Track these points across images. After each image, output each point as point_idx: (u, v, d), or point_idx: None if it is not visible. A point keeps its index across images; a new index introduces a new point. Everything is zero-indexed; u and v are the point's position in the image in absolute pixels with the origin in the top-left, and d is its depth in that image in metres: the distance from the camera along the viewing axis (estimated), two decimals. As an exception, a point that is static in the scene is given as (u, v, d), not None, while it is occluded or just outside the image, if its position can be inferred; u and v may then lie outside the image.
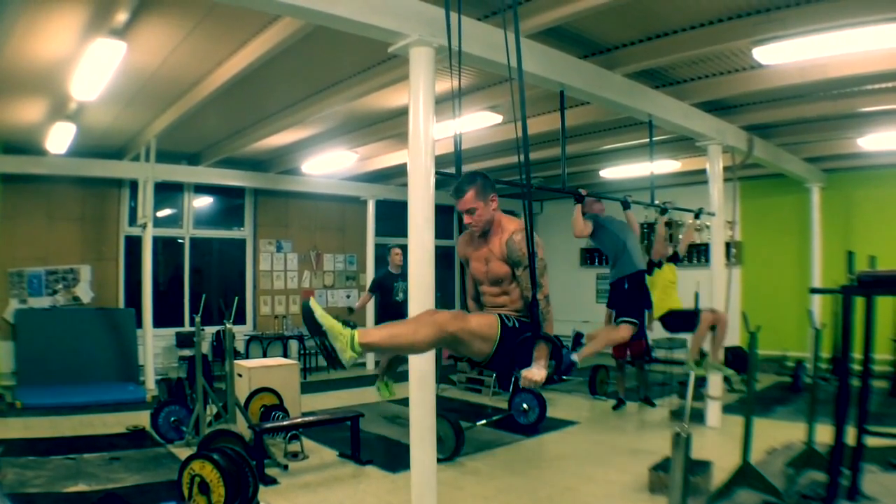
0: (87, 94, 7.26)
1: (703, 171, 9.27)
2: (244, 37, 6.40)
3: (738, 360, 10.78)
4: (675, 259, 8.54)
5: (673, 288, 8.25)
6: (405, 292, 9.15)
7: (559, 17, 5.63)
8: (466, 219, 3.72)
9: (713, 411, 8.53)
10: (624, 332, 6.92)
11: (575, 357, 6.73)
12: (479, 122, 8.76)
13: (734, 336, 11.14)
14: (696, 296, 11.32)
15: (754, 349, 5.75)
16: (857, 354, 4.90)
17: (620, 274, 7.03)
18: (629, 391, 9.99)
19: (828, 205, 12.13)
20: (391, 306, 9.20)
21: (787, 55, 6.25)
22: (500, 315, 3.57)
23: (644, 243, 14.94)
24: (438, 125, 5.14)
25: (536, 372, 3.44)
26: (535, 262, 3.44)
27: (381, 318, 9.48)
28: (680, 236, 10.63)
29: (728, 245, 9.48)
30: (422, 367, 5.01)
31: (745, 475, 5.58)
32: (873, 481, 5.51)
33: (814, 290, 3.83)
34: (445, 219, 9.34)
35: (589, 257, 16.06)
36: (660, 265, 8.24)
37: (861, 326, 4.65)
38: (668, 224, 14.09)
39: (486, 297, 3.86)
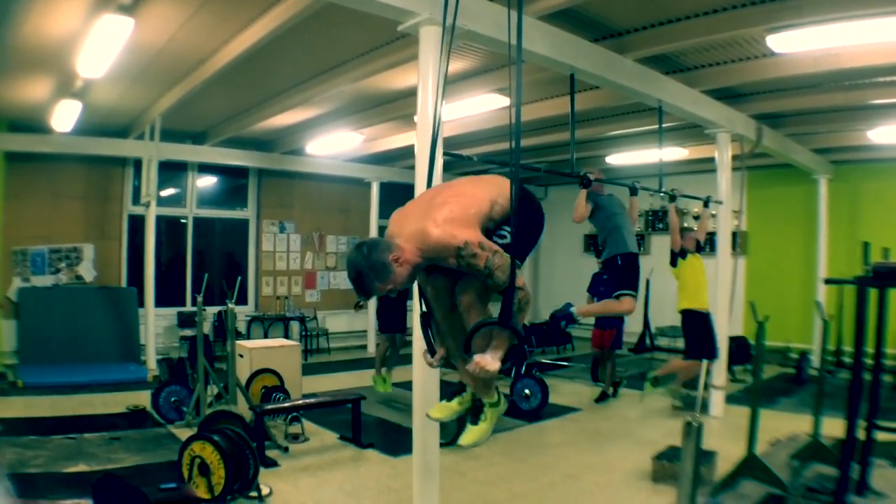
0: (93, 72, 7.17)
1: (710, 160, 9.17)
2: (252, 14, 6.30)
3: (741, 350, 10.76)
4: (698, 248, 8.38)
5: (700, 282, 8.07)
6: None
7: (571, -1, 5.57)
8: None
9: (717, 401, 8.49)
10: (627, 304, 6.73)
11: (574, 310, 6.66)
12: (487, 105, 8.64)
13: (737, 326, 11.12)
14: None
15: (762, 339, 5.69)
16: (867, 348, 4.84)
17: (613, 252, 6.79)
18: (631, 378, 9.96)
19: (835, 197, 12.03)
20: (394, 296, 9.12)
21: (801, 44, 6.15)
22: None
23: (647, 230, 14.98)
24: (447, 106, 5.04)
25: (490, 361, 2.96)
26: (514, 273, 2.95)
27: (382, 308, 9.32)
28: (694, 228, 10.58)
29: (734, 235, 9.40)
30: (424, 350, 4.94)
31: (751, 466, 5.55)
32: (881, 476, 5.46)
33: (828, 281, 3.76)
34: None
35: (593, 244, 15.95)
36: (683, 255, 8.04)
37: (872, 319, 4.59)
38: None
39: None
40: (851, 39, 6.01)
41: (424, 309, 3.39)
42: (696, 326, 7.95)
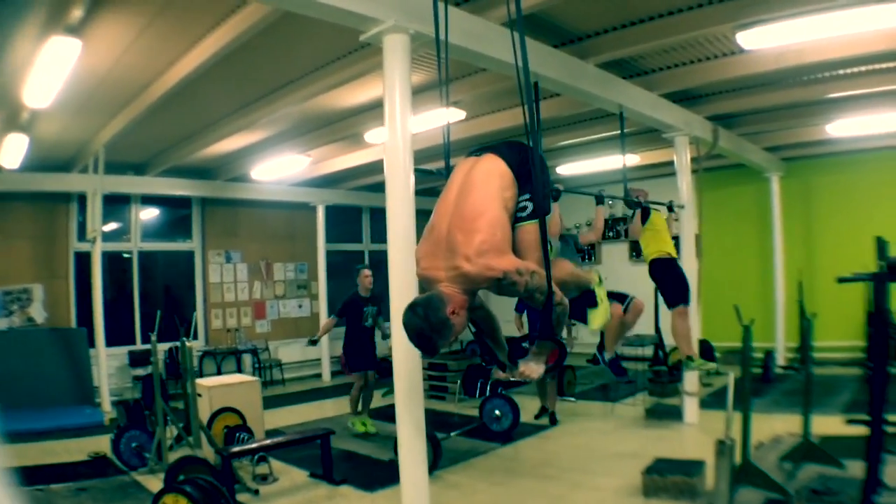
0: (40, 101, 6.91)
1: (663, 164, 9.11)
2: (198, 33, 6.06)
3: (704, 353, 10.70)
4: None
5: (664, 231, 7.77)
6: (374, 317, 8.75)
7: (535, 4, 5.39)
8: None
9: (690, 407, 8.37)
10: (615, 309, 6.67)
11: (607, 356, 7.02)
12: (440, 120, 8.41)
13: (696, 328, 11.07)
14: (656, 291, 11.26)
15: (749, 342, 5.58)
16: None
17: None
18: (594, 391, 9.80)
19: (787, 194, 12.14)
20: (361, 332, 8.72)
21: (771, 39, 6.12)
22: None
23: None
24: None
25: (535, 367, 3.25)
26: (549, 262, 3.14)
27: (350, 345, 8.85)
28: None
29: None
30: (410, 379, 4.66)
31: (747, 473, 5.37)
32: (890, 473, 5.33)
33: (842, 280, 3.63)
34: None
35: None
36: (648, 213, 7.72)
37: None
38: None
39: None
40: (817, 33, 6.01)
41: (474, 329, 3.51)
42: (669, 272, 7.67)
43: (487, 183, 3.13)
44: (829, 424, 7.02)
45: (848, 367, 10.84)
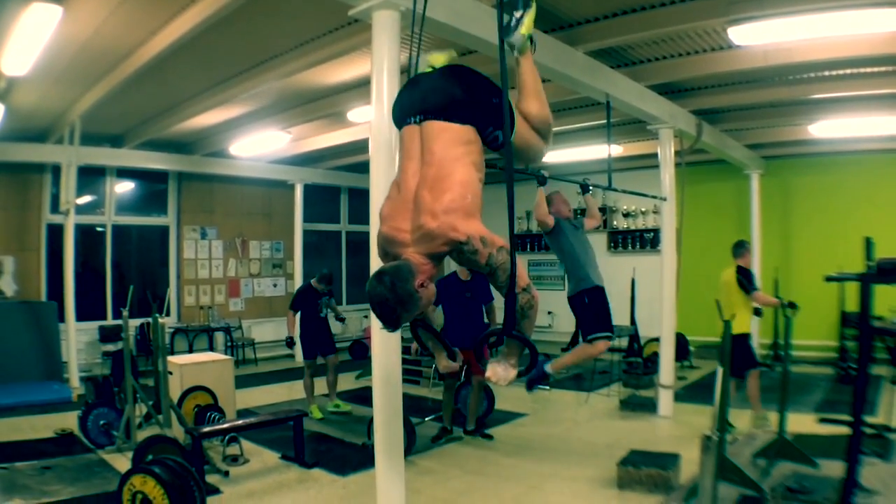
0: (18, 68, 6.74)
1: (644, 157, 9.02)
2: (181, 4, 5.88)
3: (678, 346, 10.74)
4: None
5: (734, 294, 7.59)
6: (327, 305, 8.75)
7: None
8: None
9: (665, 400, 8.37)
10: (601, 346, 6.53)
11: (549, 368, 6.54)
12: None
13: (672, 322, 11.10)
14: (633, 282, 11.31)
15: (728, 336, 5.53)
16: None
17: (577, 289, 6.59)
18: (571, 380, 9.76)
19: (766, 192, 12.18)
20: (317, 322, 8.70)
21: (762, 36, 6.11)
22: None
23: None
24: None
25: (503, 372, 2.80)
26: (512, 245, 2.69)
27: (305, 334, 8.80)
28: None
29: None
30: (387, 365, 4.57)
31: (722, 468, 5.34)
32: (867, 472, 5.34)
33: (830, 278, 3.59)
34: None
35: (520, 243, 15.78)
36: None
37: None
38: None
39: None
40: (807, 33, 6.02)
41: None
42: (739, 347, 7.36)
43: (458, 142, 2.82)
44: (801, 423, 7.06)
45: (819, 366, 10.94)
